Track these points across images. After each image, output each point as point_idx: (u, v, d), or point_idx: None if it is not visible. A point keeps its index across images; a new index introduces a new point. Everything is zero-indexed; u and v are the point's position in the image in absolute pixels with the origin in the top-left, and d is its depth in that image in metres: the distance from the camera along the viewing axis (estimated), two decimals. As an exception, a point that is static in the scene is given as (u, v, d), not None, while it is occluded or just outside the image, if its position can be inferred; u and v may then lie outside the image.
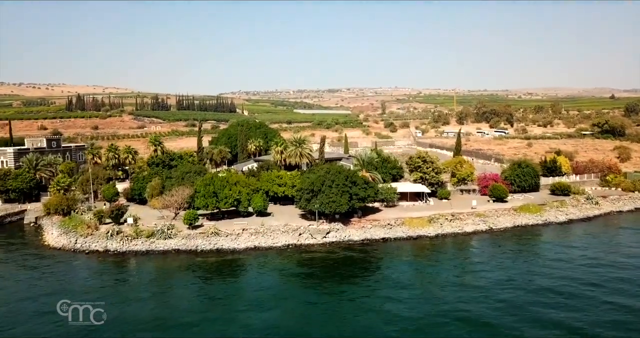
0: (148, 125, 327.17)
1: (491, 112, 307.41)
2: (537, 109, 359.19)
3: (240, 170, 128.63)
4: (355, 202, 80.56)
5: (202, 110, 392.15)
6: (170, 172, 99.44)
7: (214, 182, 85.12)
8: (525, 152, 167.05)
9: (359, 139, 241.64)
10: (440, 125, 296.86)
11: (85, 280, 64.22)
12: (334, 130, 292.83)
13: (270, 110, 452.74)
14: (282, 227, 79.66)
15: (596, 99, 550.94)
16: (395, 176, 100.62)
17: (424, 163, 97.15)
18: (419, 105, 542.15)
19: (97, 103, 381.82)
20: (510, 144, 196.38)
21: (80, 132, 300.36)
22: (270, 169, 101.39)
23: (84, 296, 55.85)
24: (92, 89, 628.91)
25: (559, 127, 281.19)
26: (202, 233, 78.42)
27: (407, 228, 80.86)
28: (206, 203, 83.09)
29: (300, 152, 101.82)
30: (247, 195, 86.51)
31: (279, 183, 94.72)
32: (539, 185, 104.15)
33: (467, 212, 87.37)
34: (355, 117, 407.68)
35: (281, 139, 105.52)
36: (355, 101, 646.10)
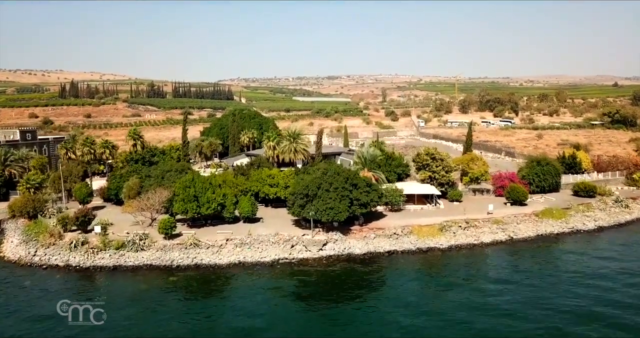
0: (143, 113, 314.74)
1: (495, 100, 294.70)
2: (541, 97, 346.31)
3: (231, 165, 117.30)
4: (357, 208, 69.24)
5: (199, 97, 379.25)
6: (150, 170, 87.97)
7: (194, 183, 73.66)
8: (536, 144, 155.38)
9: (359, 129, 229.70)
10: (442, 114, 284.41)
11: (21, 312, 52.76)
12: (333, 119, 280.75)
13: (268, 98, 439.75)
14: (272, 237, 68.40)
15: (599, 87, 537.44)
16: (400, 175, 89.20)
17: (433, 160, 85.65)
18: (420, 93, 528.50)
19: (92, 90, 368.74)
20: (518, 134, 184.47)
21: (72, 120, 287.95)
22: (262, 166, 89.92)
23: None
24: (89, 76, 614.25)
25: (565, 116, 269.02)
26: (180, 244, 67.21)
27: (416, 238, 69.62)
28: (185, 209, 71.72)
29: (294, 147, 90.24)
30: (233, 199, 75.15)
31: (270, 184, 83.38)
32: (559, 185, 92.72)
33: (482, 218, 76.08)
34: (355, 105, 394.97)
35: (274, 133, 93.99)
36: (355, 88, 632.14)
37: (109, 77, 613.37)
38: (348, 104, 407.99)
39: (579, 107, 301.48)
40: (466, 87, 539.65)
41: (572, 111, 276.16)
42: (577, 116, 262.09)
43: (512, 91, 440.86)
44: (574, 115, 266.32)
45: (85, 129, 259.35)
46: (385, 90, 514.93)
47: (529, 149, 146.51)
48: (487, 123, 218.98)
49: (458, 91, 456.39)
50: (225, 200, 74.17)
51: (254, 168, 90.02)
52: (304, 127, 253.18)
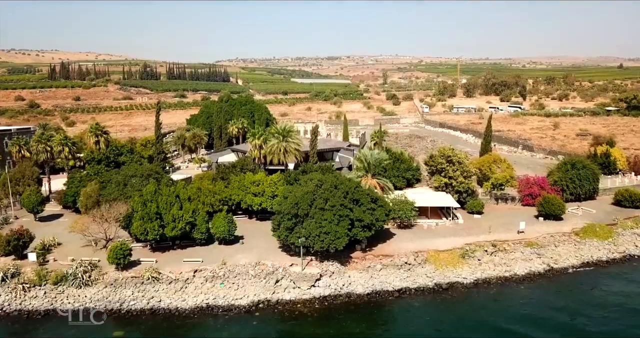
0: (134, 96, 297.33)
1: (501, 83, 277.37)
2: (548, 80, 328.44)
3: (215, 161, 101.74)
4: (359, 231, 54.00)
5: (194, 79, 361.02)
6: (112, 174, 72.32)
7: (157, 197, 58.24)
8: (553, 135, 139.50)
9: (360, 114, 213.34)
10: (446, 98, 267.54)
11: None
12: (333, 103, 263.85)
13: (266, 80, 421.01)
14: (251, 268, 53.33)
15: (603, 69, 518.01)
16: (410, 180, 73.78)
17: (450, 164, 70.13)
18: (421, 75, 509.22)
19: (83, 72, 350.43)
20: (530, 122, 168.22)
21: (60, 104, 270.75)
22: (246, 168, 74.35)
23: None
24: (84, 56, 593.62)
25: (575, 100, 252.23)
26: (135, 278, 52.17)
27: (433, 269, 54.53)
28: (145, 230, 56.42)
29: (284, 147, 74.53)
30: (205, 215, 59.81)
31: (254, 192, 67.99)
32: (597, 192, 77.28)
33: (512, 238, 60.93)
34: (355, 88, 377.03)
35: (260, 128, 77.94)
36: (355, 69, 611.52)
37: (105, 58, 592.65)
38: (348, 86, 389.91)
39: (589, 90, 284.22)
40: (468, 69, 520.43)
41: (583, 95, 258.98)
42: (587, 101, 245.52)
43: (516, 73, 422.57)
44: (585, 99, 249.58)
45: (72, 112, 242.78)
46: (386, 71, 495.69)
47: (546, 141, 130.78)
48: (495, 109, 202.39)
49: (460, 73, 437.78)
50: (196, 217, 58.89)
51: (235, 171, 74.49)
52: (302, 112, 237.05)
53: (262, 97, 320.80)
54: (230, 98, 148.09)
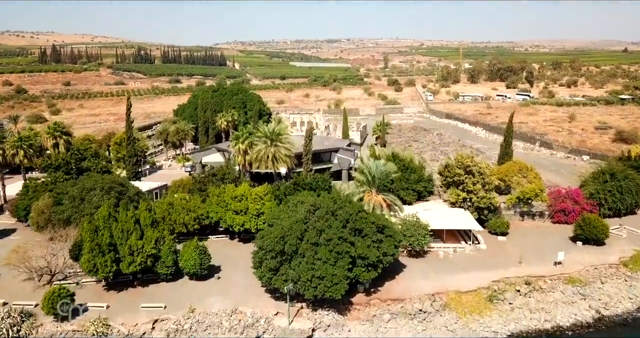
0: (127, 80, 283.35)
1: (507, 69, 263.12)
2: (554, 65, 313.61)
3: (199, 162, 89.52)
4: (361, 271, 42.15)
5: (190, 63, 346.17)
6: (68, 185, 59.98)
7: (110, 224, 46.17)
8: (569, 128, 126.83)
9: (360, 102, 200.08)
10: (450, 83, 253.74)
11: None
12: (332, 89, 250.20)
13: (264, 63, 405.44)
14: (226, 319, 41.60)
15: (608, 53, 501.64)
16: (421, 192, 61.64)
17: (469, 176, 57.95)
18: (422, 58, 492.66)
19: (75, 55, 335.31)
20: (542, 113, 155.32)
21: (49, 89, 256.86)
22: (227, 177, 62.08)
23: None
24: (80, 38, 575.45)
25: (584, 87, 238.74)
26: (78, 332, 40.54)
27: (454, 318, 42.81)
28: (94, 266, 44.53)
29: (273, 153, 62.04)
30: (171, 244, 47.80)
31: (236, 210, 55.98)
32: (639, 205, 65.14)
33: (548, 272, 49.08)
34: (355, 72, 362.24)
35: (244, 130, 65.14)
36: (355, 53, 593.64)
37: (101, 40, 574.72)
38: (348, 70, 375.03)
39: (597, 76, 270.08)
40: (470, 53, 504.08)
41: (592, 82, 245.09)
42: (597, 87, 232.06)
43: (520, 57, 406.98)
44: (594, 86, 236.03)
45: (60, 99, 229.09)
46: (387, 55, 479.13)
47: (563, 135, 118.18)
48: (502, 97, 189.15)
49: (462, 57, 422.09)
50: (160, 247, 46.92)
51: (215, 180, 62.25)
52: (299, 98, 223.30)
53: (259, 82, 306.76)
54: (221, 87, 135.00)
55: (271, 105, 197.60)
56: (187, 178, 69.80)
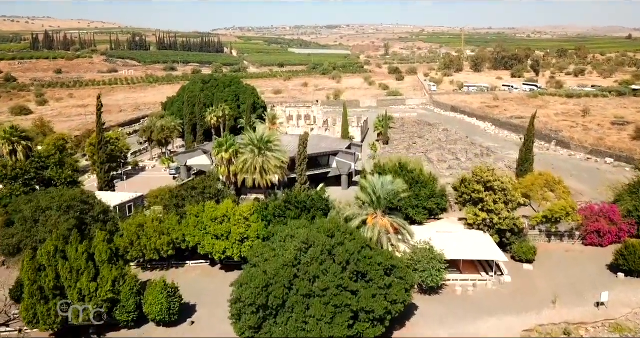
0: (121, 68, 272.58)
1: (512, 57, 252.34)
2: (560, 52, 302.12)
3: (183, 165, 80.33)
4: (365, 327, 33.23)
5: (186, 50, 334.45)
6: (21, 203, 50.77)
7: (55, 263, 37.15)
8: (584, 123, 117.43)
9: (361, 92, 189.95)
10: (452, 72, 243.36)
11: None
12: (331, 78, 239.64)
13: (262, 50, 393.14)
14: (195, 388, 32.83)
15: (611, 39, 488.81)
16: (433, 210, 52.50)
17: (490, 192, 48.80)
18: (424, 45, 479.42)
19: (68, 41, 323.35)
20: (552, 105, 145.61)
21: (39, 77, 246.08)
22: (208, 191, 52.89)
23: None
24: (76, 24, 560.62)
25: (592, 76, 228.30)
26: None
27: (480, 384, 34.05)
28: (34, 316, 35.65)
29: (261, 164, 52.55)
30: (134, 285, 38.89)
31: (216, 234, 47.01)
32: (682, 224, 56.04)
33: (590, 320, 40.12)
34: (355, 59, 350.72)
35: (229, 138, 55.21)
36: (355, 39, 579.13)
37: (98, 26, 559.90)
38: (348, 57, 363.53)
39: (604, 65, 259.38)
40: (471, 39, 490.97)
41: (600, 71, 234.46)
42: (605, 77, 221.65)
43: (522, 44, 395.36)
44: (602, 75, 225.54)
45: (50, 88, 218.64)
46: (387, 42, 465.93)
47: (578, 131, 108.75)
48: (509, 87, 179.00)
49: (464, 43, 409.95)
50: (121, 289, 38.00)
51: (195, 194, 53.04)
52: (297, 88, 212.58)
53: (257, 69, 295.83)
54: (212, 78, 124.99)
55: (268, 95, 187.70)
56: (167, 187, 60.68)
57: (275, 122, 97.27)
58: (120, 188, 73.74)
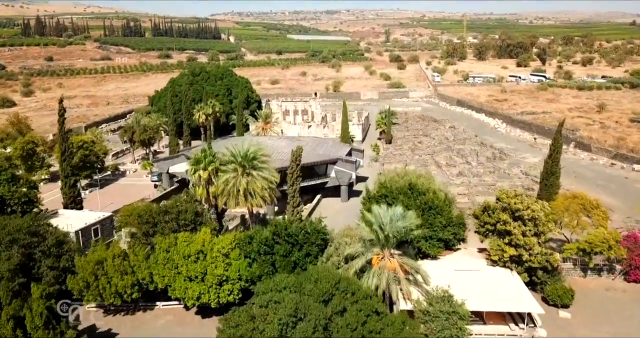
0: (114, 55, 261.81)
1: (517, 45, 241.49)
2: (565, 40, 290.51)
3: (166, 171, 71.42)
4: None
5: (182, 36, 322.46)
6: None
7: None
8: (600, 120, 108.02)
9: (361, 83, 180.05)
10: (456, 60, 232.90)
11: None
12: (331, 66, 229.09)
13: (260, 36, 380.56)
14: None
15: (616, 26, 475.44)
16: (450, 242, 43.77)
17: (518, 223, 40.09)
18: (425, 31, 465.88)
19: (61, 27, 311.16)
20: (564, 98, 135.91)
21: (29, 65, 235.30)
22: (184, 218, 44.05)
23: None
24: (72, 8, 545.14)
25: (600, 65, 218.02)
26: None
27: None
28: None
29: (246, 185, 43.35)
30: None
31: (189, 275, 38.41)
32: None
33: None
34: (355, 46, 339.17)
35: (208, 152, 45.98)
36: (355, 25, 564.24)
37: (94, 10, 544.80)
38: (347, 44, 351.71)
39: (611, 53, 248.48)
40: (473, 25, 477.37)
41: (608, 60, 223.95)
42: (614, 66, 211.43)
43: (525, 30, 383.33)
44: (611, 65, 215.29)
45: (39, 76, 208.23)
46: (388, 28, 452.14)
47: (595, 129, 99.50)
48: (516, 78, 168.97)
49: (466, 30, 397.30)
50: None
51: (168, 220, 44.20)
52: (295, 77, 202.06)
53: (254, 57, 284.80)
54: (203, 70, 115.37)
55: (264, 86, 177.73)
56: (142, 204, 51.85)
57: (268, 121, 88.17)
58: (91, 201, 65.14)
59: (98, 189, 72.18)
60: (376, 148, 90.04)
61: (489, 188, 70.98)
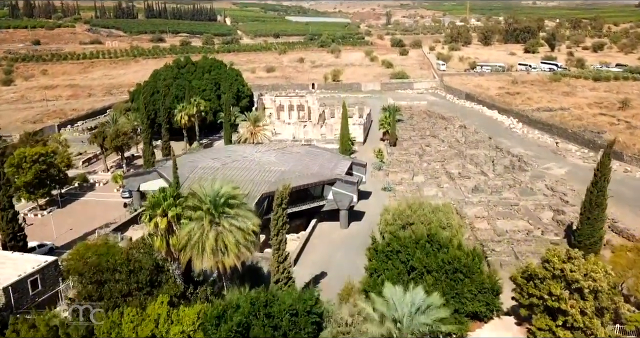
0: (104, 39, 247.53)
1: (524, 29, 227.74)
2: (574, 23, 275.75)
3: (137, 190, 60.41)
4: None
5: (176, 18, 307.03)
6: None
7: None
8: (625, 119, 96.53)
9: (362, 70, 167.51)
10: (460, 45, 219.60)
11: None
12: (330, 51, 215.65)
13: (258, 18, 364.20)
14: None
15: (621, 7, 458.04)
16: (482, 314, 33.25)
17: (576, 296, 29.62)
18: (426, 13, 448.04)
19: (50, 8, 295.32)
20: (581, 91, 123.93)
21: (15, 49, 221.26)
22: (137, 280, 33.41)
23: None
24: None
25: (612, 52, 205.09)
26: None
27: None
28: None
29: (214, 240, 32.20)
30: None
31: (136, 373, 27.90)
32: None
33: None
34: (355, 29, 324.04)
35: (169, 192, 35.29)
36: (355, 6, 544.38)
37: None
38: (347, 26, 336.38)
39: (622, 37, 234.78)
40: (475, 7, 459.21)
41: (620, 45, 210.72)
42: (627, 52, 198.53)
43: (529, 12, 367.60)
44: (623, 50, 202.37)
45: (24, 62, 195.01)
46: (389, 10, 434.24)
47: (620, 130, 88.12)
48: (526, 67, 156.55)
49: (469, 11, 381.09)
50: None
51: (119, 279, 33.50)
52: (292, 64, 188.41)
53: (251, 40, 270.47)
54: (189, 63, 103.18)
55: (259, 74, 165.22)
56: (91, 246, 41.10)
57: (259, 124, 76.81)
58: (48, 226, 54.41)
59: (58, 208, 61.35)
60: (379, 154, 78.95)
61: (511, 209, 60.35)
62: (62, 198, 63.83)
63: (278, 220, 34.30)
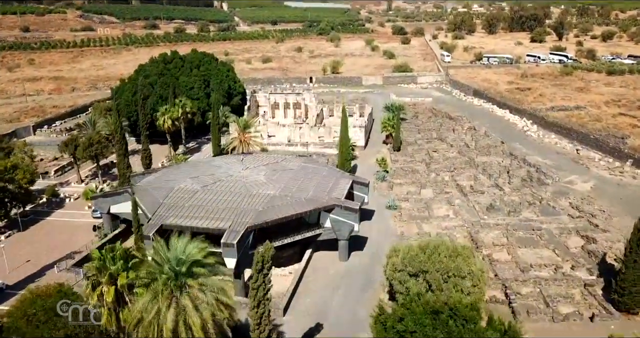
0: (96, 25, 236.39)
1: (530, 17, 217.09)
2: (580, 11, 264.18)
3: (107, 212, 52.25)
4: None
5: (172, 3, 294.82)
6: None
7: None
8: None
9: (362, 61, 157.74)
10: (464, 34, 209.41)
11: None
12: (329, 40, 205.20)
13: (255, 4, 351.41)
14: None
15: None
16: None
17: None
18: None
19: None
20: (595, 87, 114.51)
21: (3, 36, 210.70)
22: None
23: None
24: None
25: (622, 41, 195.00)
26: None
27: None
28: None
29: (174, 322, 24.21)
30: None
31: None
32: None
33: None
34: (355, 15, 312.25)
35: (118, 251, 27.72)
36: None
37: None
38: (347, 12, 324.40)
39: (631, 25, 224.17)
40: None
41: (630, 34, 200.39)
42: (638, 42, 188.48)
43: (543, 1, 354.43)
44: (633, 40, 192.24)
45: (10, 50, 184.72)
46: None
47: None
48: (535, 58, 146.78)
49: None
50: None
51: None
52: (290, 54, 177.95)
53: (248, 27, 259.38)
54: (177, 57, 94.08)
55: (255, 65, 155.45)
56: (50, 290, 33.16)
57: (249, 131, 68.35)
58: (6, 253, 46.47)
59: (19, 232, 53.33)
60: (382, 163, 70.69)
61: (533, 233, 52.43)
62: (25, 218, 55.76)
63: (258, 290, 26.22)
